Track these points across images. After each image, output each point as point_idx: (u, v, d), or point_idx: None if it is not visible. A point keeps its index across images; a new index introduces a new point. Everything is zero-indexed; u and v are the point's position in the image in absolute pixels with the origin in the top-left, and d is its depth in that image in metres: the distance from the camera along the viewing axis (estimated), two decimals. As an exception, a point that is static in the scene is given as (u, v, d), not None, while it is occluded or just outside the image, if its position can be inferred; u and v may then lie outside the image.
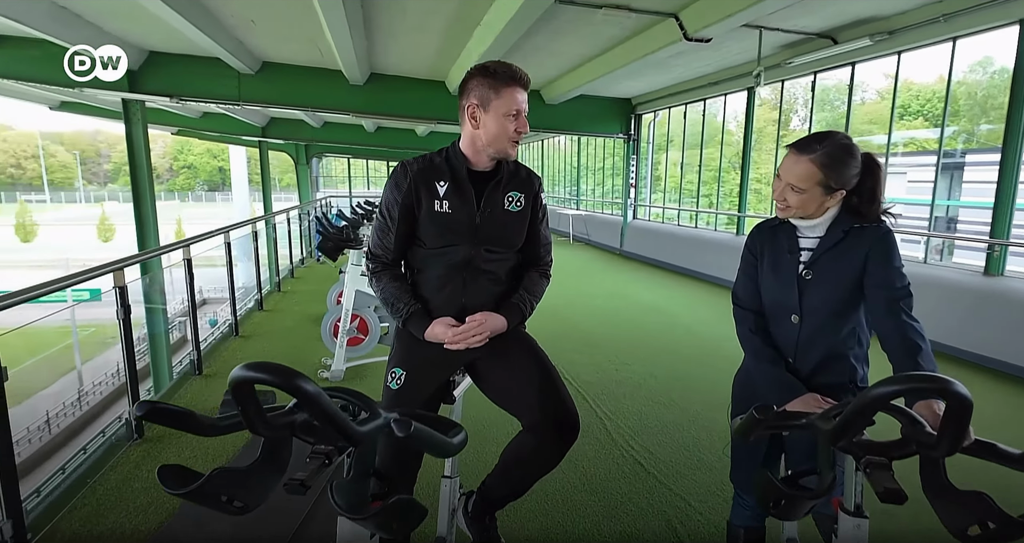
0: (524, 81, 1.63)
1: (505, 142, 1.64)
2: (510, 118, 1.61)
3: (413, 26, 6.67)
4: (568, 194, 17.55)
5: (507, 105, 1.60)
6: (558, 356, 4.65)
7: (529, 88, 1.66)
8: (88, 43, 7.25)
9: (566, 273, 9.35)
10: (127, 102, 8.77)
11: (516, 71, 1.62)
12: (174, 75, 8.62)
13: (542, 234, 1.80)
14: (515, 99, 1.61)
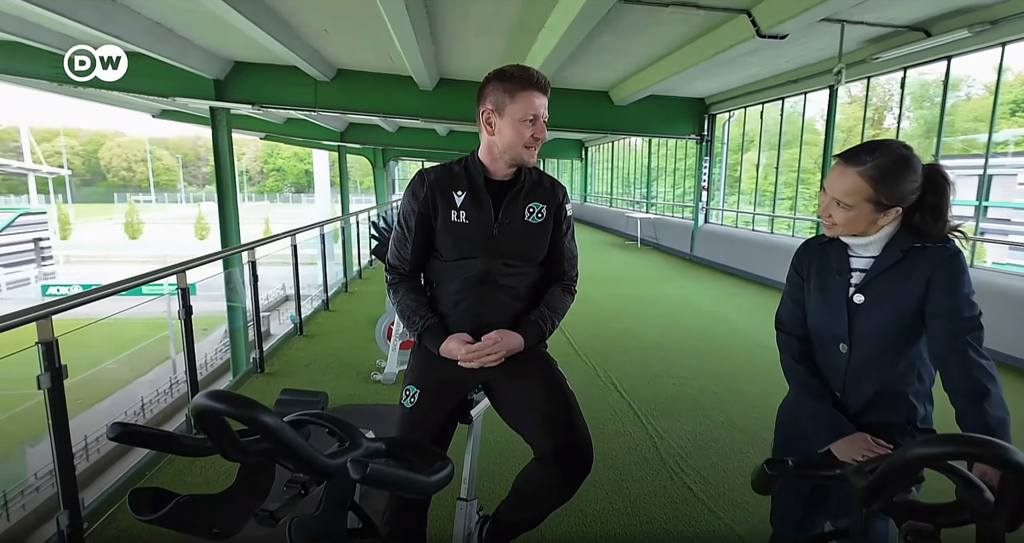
0: (541, 84, 1.55)
1: (521, 149, 1.56)
2: (526, 123, 1.54)
3: (477, 30, 6.69)
4: (639, 196, 17.17)
5: (523, 110, 1.53)
6: (612, 367, 4.57)
7: (548, 92, 1.58)
8: (178, 56, 7.79)
9: (630, 279, 9.11)
10: (214, 109, 9.34)
11: (533, 74, 1.54)
12: (256, 83, 9.09)
13: (566, 247, 1.70)
14: (531, 103, 1.53)
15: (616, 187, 19.58)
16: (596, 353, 4.90)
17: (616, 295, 7.61)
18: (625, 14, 5.76)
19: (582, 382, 4.20)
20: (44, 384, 2.04)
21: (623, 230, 15.26)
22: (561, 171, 27.95)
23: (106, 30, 6.42)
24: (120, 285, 2.49)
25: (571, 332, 5.53)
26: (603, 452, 3.10)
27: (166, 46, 7.47)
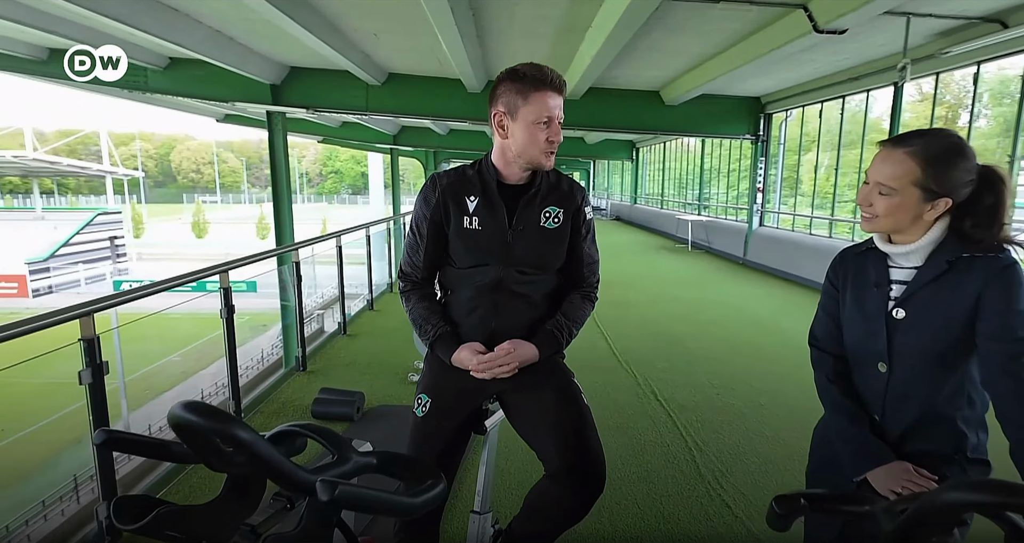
0: (556, 84, 1.49)
1: (536, 152, 1.50)
2: (540, 126, 1.47)
3: (523, 31, 6.66)
4: (691, 198, 16.76)
5: (536, 112, 1.46)
6: (653, 375, 4.43)
7: (564, 91, 1.52)
8: (238, 63, 8.08)
9: (678, 283, 8.87)
10: (270, 113, 9.65)
11: (547, 73, 1.47)
12: (310, 88, 9.34)
13: (586, 252, 1.62)
14: (545, 105, 1.47)
15: (668, 188, 19.18)
16: (637, 360, 4.78)
17: (662, 299, 7.43)
18: (673, 12, 5.60)
19: (620, 389, 4.10)
20: (85, 380, 2.12)
21: (673, 233, 14.93)
22: (611, 172, 27.64)
23: (169, 38, 6.72)
24: (161, 284, 2.57)
25: (612, 337, 5.42)
26: (638, 464, 3.02)
27: (226, 53, 7.76)
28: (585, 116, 9.98)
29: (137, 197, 56.83)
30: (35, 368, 2.45)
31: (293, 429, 0.96)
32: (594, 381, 4.22)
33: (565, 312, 1.58)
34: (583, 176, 31.54)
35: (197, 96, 9.33)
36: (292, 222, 10.12)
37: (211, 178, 75.00)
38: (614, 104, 9.85)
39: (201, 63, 8.21)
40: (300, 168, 74.59)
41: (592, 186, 30.70)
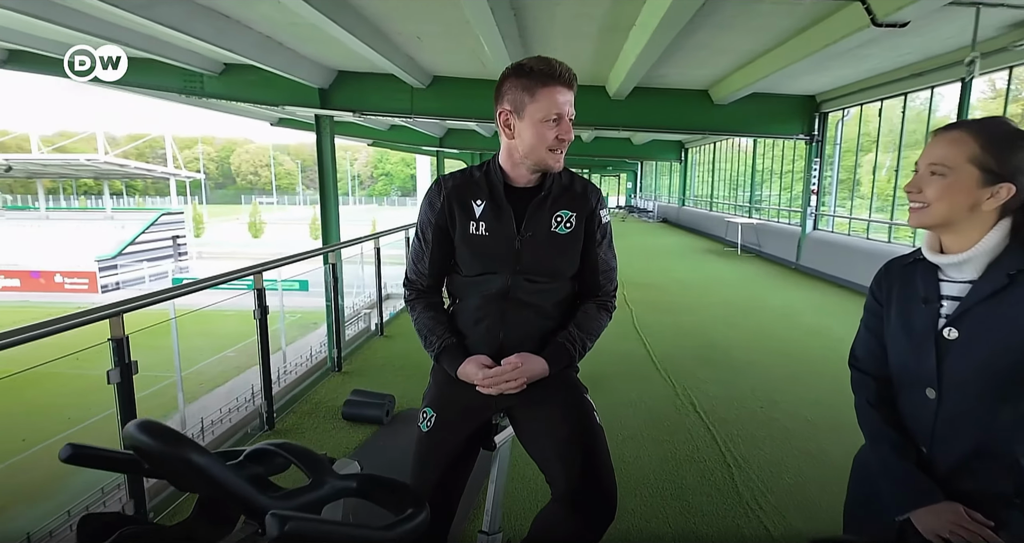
0: (566, 78, 1.38)
1: (543, 152, 1.40)
2: (548, 124, 1.38)
3: (565, 31, 6.56)
4: (743, 200, 16.26)
5: (544, 109, 1.37)
6: (693, 384, 4.25)
7: (575, 86, 1.41)
8: (286, 67, 8.27)
9: (725, 288, 8.57)
10: (319, 117, 9.87)
11: (556, 67, 1.37)
12: (357, 92, 9.49)
13: (601, 259, 1.52)
14: (554, 101, 1.37)
15: (718, 190, 18.67)
16: (677, 368, 4.60)
17: (707, 305, 7.19)
18: (721, 8, 5.40)
19: (657, 399, 3.95)
20: (113, 379, 2.15)
21: (722, 236, 14.50)
22: (659, 173, 27.15)
23: (221, 45, 6.93)
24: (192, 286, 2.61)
25: (652, 343, 5.26)
26: (672, 479, 2.89)
27: (275, 58, 7.97)
28: (631, 116, 9.80)
29: (199, 198, 59.36)
30: (93, 361, 2.53)
31: (268, 448, 0.91)
32: (629, 390, 4.09)
33: (579, 323, 1.49)
34: (630, 177, 31.12)
35: (249, 100, 9.61)
36: (338, 223, 10.34)
37: (268, 180, 77.74)
38: (661, 104, 9.63)
39: (253, 68, 8.46)
40: (352, 170, 76.45)
41: (639, 187, 30.24)
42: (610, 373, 4.42)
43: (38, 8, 6.11)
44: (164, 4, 5.79)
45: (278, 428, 3.39)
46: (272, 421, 3.37)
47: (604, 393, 4.00)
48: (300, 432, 3.36)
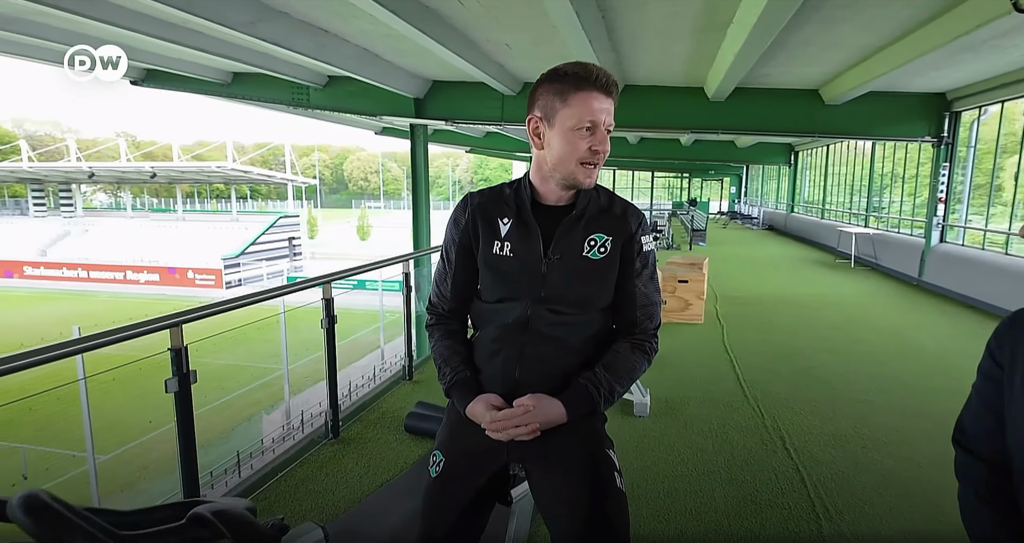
0: (603, 83, 1.23)
1: (573, 165, 1.25)
2: (581, 132, 1.23)
3: (657, 32, 6.26)
4: (859, 208, 14.92)
5: (577, 116, 1.22)
6: (786, 417, 3.83)
7: (615, 94, 1.25)
8: (383, 78, 8.55)
9: (832, 305, 7.80)
10: (413, 126, 10.15)
11: (592, 71, 1.22)
12: (450, 101, 9.65)
13: (639, 291, 1.33)
14: (588, 107, 1.22)
15: (832, 196, 17.27)
16: (769, 396, 4.19)
17: (811, 324, 6.57)
18: (828, 2, 4.91)
19: (741, 431, 3.60)
20: (171, 388, 2.21)
21: (833, 246, 13.34)
22: (766, 177, 25.63)
23: (321, 58, 7.27)
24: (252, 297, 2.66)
25: (743, 366, 4.85)
26: (748, 528, 2.58)
27: (372, 70, 8.26)
28: (731, 119, 9.24)
29: (314, 202, 63.43)
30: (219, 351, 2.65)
31: (199, 514, 0.83)
32: (710, 417, 3.77)
33: (607, 364, 1.29)
34: (733, 181, 29.60)
35: (350, 111, 10.04)
36: (429, 229, 10.56)
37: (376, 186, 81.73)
38: (765, 105, 9.01)
39: (353, 80, 8.83)
40: (454, 176, 78.66)
41: (744, 192, 28.69)
42: (690, 397, 4.10)
43: (168, 32, 6.69)
44: (267, 22, 6.13)
45: (343, 437, 3.41)
46: (337, 430, 3.40)
47: (680, 420, 3.72)
48: (363, 443, 3.36)
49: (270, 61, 8.25)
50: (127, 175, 34.55)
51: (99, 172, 33.52)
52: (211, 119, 68.08)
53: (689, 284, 6.41)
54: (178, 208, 38.68)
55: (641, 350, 1.33)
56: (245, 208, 47.05)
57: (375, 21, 6.02)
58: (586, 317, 1.31)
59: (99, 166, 33.33)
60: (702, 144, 18.04)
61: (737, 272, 10.39)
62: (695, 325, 6.27)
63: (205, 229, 35.07)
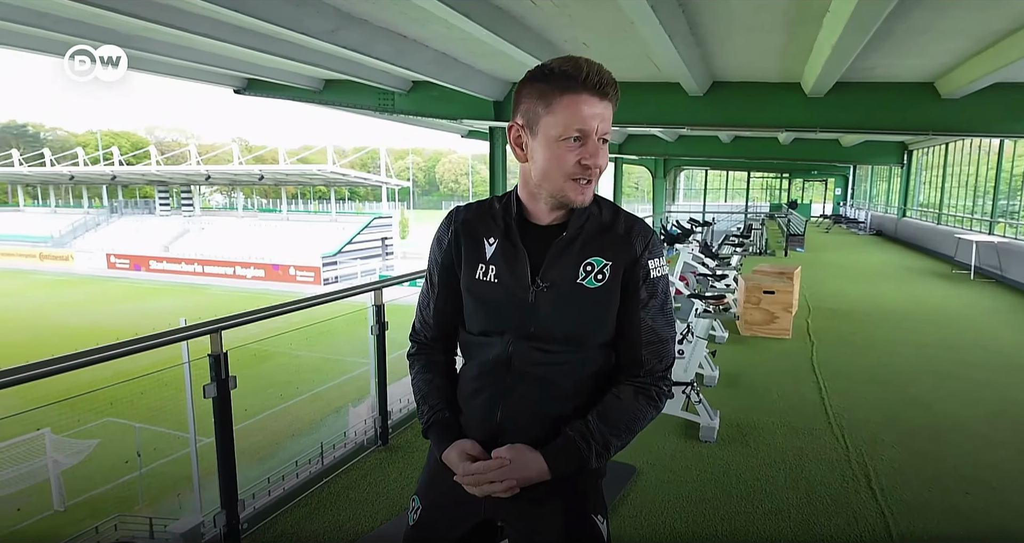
0: (595, 83, 1.04)
1: (561, 181, 1.07)
2: (568, 144, 1.05)
3: (744, 25, 5.85)
4: (981, 213, 13.38)
5: (562, 123, 1.04)
6: (875, 451, 3.39)
7: (614, 94, 1.06)
8: (462, 82, 8.62)
9: (947, 323, 6.93)
10: (492, 129, 10.17)
11: (583, 68, 1.03)
12: (529, 102, 9.57)
13: (646, 326, 1.13)
14: (577, 113, 1.03)
15: (951, 199, 15.63)
16: (857, 425, 3.74)
17: (916, 343, 5.88)
18: (942, -18, 4.36)
19: (819, 464, 3.22)
20: (210, 393, 2.24)
21: (950, 255, 12.02)
22: (875, 179, 23.70)
23: (401, 64, 7.42)
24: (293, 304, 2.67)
25: (830, 389, 4.39)
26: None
27: (451, 74, 8.34)
28: (832, 116, 8.53)
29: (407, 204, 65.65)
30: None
31: None
32: (786, 446, 3.42)
33: (603, 412, 1.11)
34: (838, 183, 27.55)
35: (432, 115, 10.23)
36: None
37: (466, 187, 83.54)
38: (870, 101, 8.23)
39: (434, 85, 8.97)
40: (539, 177, 79.01)
41: (850, 195, 26.63)
42: (765, 423, 3.75)
43: (262, 44, 7.07)
44: (347, 29, 6.30)
45: (391, 444, 3.39)
46: (387, 437, 3.38)
47: (751, 448, 3.40)
48: (410, 451, 3.33)
49: (356, 68, 8.52)
50: (239, 177, 37.24)
51: (215, 175, 36.38)
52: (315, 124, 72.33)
53: (776, 295, 5.94)
54: (283, 208, 41.23)
55: (646, 396, 1.14)
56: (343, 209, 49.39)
57: (450, 25, 6.03)
58: (580, 355, 1.13)
59: (215, 169, 36.15)
60: (803, 143, 16.88)
61: (836, 282, 9.58)
62: (781, 340, 5.80)
63: (306, 228, 37.20)
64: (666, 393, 1.15)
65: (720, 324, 5.75)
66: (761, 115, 8.83)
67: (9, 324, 20.14)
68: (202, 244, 35.29)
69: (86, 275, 32.06)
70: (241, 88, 10.65)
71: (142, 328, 3.21)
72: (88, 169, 37.72)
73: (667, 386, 1.16)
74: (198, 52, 8.12)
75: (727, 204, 30.05)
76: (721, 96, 8.71)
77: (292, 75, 9.70)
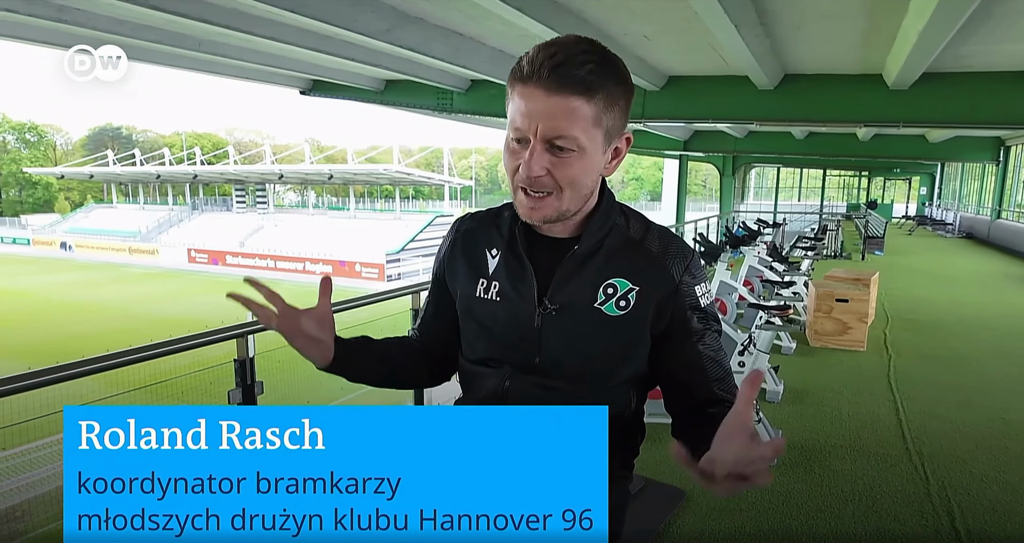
0: (537, 71, 0.84)
1: (514, 190, 0.92)
2: (511, 146, 0.89)
3: (819, 14, 5.45)
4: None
5: (509, 120, 0.89)
6: (962, 484, 2.98)
7: (575, 85, 0.83)
8: (519, 79, 8.51)
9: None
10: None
11: (531, 53, 0.86)
12: (589, 98, 9.36)
13: (707, 359, 0.95)
14: (515, 109, 0.87)
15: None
16: (940, 452, 3.36)
17: (1013, 359, 5.29)
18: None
19: (893, 497, 2.88)
20: (234, 399, 2.20)
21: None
22: (967, 177, 21.95)
23: (457, 62, 7.40)
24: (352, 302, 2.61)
25: (909, 409, 3.98)
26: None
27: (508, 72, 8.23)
28: (918, 110, 7.90)
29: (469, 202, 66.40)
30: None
31: None
32: (855, 474, 3.09)
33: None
34: (924, 181, 25.68)
35: (489, 114, 10.18)
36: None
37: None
38: (962, 92, 7.55)
39: (492, 83, 8.92)
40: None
41: (937, 194, 24.78)
42: (833, 446, 3.43)
43: (323, 45, 7.21)
44: (402, 28, 6.30)
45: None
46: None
47: (816, 474, 3.10)
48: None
49: (414, 67, 8.56)
50: (310, 177, 38.68)
51: (287, 174, 37.91)
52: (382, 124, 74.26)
53: (850, 304, 5.49)
54: (350, 207, 42.48)
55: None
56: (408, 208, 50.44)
57: (506, 22, 5.93)
58: (594, 395, 0.94)
59: (287, 169, 37.67)
60: (884, 139, 15.80)
61: (919, 289, 8.86)
62: (855, 353, 5.35)
63: (372, 226, 38.21)
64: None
65: (787, 334, 5.37)
66: (837, 109, 8.28)
67: (107, 313, 21.76)
68: (275, 240, 36.83)
69: (169, 269, 34.10)
70: (307, 89, 10.94)
71: (216, 320, 3.31)
72: (173, 169, 40.16)
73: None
74: (264, 55, 8.37)
75: (800, 203, 28.63)
76: (793, 89, 8.23)
77: (354, 75, 9.87)
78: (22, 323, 20.12)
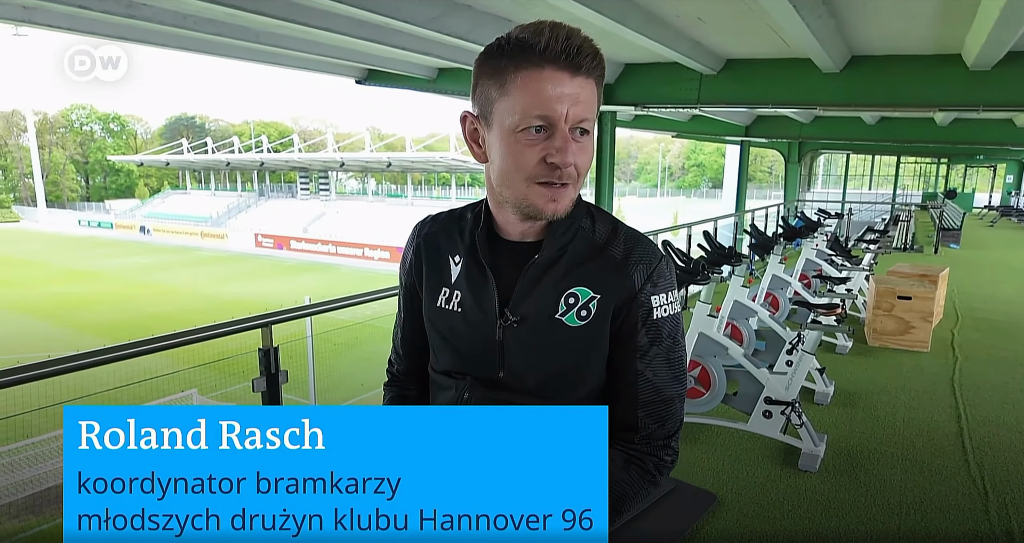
0: (561, 51, 0.79)
1: (523, 186, 0.84)
2: (528, 135, 0.81)
3: (888, -11, 5.07)
4: None
5: (519, 109, 0.80)
6: (1018, 500, 2.70)
7: (592, 66, 0.80)
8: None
9: None
10: (601, 113, 9.81)
11: (545, 34, 0.79)
12: (641, 84, 9.14)
13: (643, 381, 0.89)
14: (536, 94, 0.79)
15: None
16: (1003, 466, 3.10)
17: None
18: None
19: (949, 512, 2.68)
20: (259, 387, 2.25)
21: None
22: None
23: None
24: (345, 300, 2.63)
25: (972, 416, 3.69)
26: None
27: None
28: (1001, 92, 7.28)
29: (524, 188, 66.15)
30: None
31: None
32: (906, 486, 2.90)
33: None
34: (1011, 169, 23.77)
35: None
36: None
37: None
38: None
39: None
40: (664, 162, 75.96)
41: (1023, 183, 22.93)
42: (883, 453, 3.22)
43: (374, 34, 7.29)
44: (450, 16, 6.28)
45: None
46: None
47: (862, 483, 2.92)
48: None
49: (464, 55, 8.54)
50: (370, 165, 39.51)
51: (348, 161, 38.84)
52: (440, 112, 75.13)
53: (913, 302, 5.15)
54: (408, 194, 43.19)
55: (640, 468, 0.89)
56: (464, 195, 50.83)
57: (552, 6, 5.79)
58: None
59: (348, 156, 38.59)
60: (965, 123, 14.67)
61: (997, 286, 8.23)
62: (917, 354, 5.02)
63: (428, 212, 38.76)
64: (667, 465, 0.90)
65: (844, 333, 5.08)
66: (910, 93, 7.72)
67: (182, 294, 23.12)
68: (336, 226, 37.92)
69: (237, 252, 35.69)
70: (362, 79, 11.11)
71: (277, 303, 3.42)
72: (242, 156, 41.87)
73: (670, 456, 0.91)
74: (320, 45, 8.52)
75: (871, 192, 27.09)
76: (861, 72, 7.73)
77: (407, 64, 9.94)
78: (108, 303, 21.59)
